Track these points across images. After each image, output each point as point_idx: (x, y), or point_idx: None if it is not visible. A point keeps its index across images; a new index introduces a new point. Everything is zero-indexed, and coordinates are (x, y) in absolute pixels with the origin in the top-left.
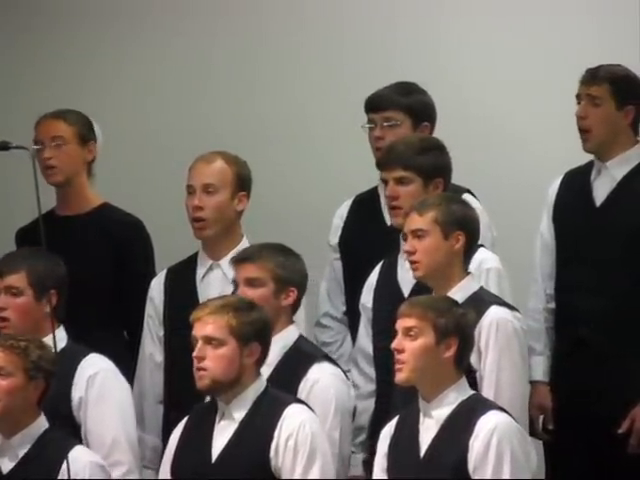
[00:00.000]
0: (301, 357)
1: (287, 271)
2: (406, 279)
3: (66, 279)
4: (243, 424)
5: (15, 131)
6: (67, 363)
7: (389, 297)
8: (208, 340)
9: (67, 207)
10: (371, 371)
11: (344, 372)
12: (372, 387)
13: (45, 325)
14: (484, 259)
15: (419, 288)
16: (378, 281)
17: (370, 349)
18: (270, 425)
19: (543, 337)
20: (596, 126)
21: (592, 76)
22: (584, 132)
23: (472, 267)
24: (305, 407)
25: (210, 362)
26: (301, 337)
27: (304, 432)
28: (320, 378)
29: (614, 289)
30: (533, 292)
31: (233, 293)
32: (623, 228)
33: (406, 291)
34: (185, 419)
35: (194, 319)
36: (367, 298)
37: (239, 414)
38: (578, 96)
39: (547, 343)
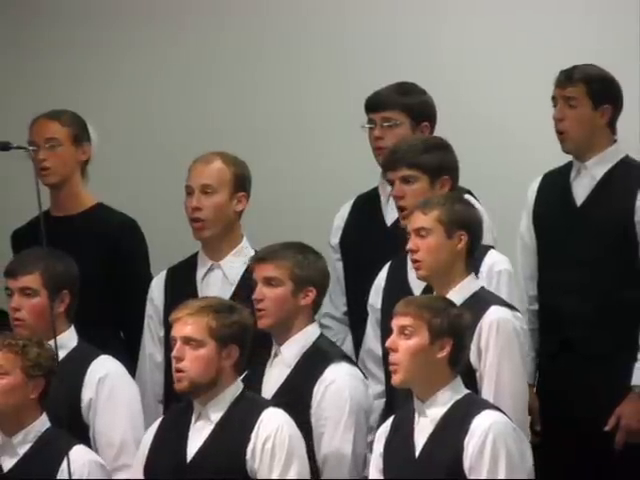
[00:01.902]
0: (319, 357)
1: (305, 270)
2: (417, 279)
3: (78, 279)
4: (219, 425)
5: (15, 131)
6: (77, 363)
7: (399, 298)
8: (187, 341)
9: (61, 208)
10: (379, 372)
11: (362, 372)
12: (381, 388)
13: (58, 324)
14: (495, 262)
15: (430, 288)
16: (387, 282)
17: (378, 350)
18: (247, 427)
19: (527, 339)
20: (574, 127)
21: (567, 77)
22: (562, 134)
23: (483, 270)
24: (281, 411)
25: (188, 363)
26: (322, 336)
27: (281, 435)
28: (336, 379)
29: (597, 289)
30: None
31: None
32: (604, 227)
33: (417, 291)
34: (159, 419)
35: (173, 319)
36: (375, 299)
37: (216, 415)
38: (554, 98)
39: (531, 345)
